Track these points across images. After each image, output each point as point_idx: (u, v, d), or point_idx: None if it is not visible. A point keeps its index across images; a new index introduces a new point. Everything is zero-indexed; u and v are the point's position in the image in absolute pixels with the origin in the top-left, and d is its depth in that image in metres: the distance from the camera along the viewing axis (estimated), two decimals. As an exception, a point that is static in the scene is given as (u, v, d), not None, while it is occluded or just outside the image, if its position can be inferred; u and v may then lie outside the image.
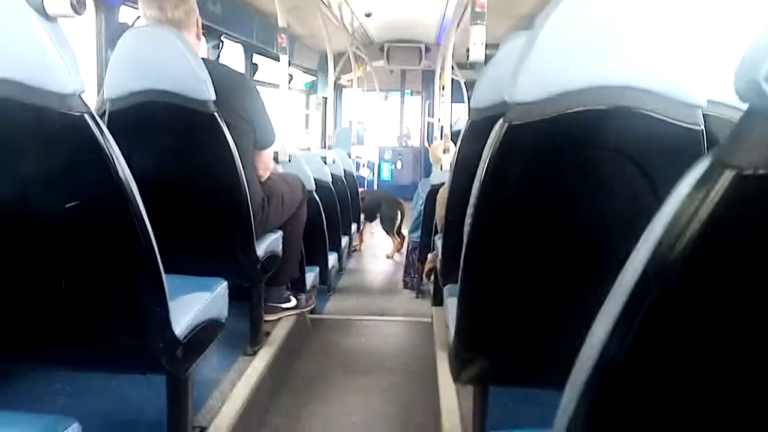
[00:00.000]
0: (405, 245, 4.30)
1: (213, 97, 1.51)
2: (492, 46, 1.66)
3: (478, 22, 1.91)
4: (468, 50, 1.89)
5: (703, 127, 0.87)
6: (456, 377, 1.19)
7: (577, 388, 0.43)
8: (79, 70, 0.91)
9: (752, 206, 0.34)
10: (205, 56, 1.78)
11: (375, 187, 7.46)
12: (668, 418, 0.41)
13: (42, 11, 0.85)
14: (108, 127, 0.95)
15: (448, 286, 1.57)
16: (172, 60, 1.47)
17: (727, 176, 0.34)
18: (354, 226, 4.82)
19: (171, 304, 1.12)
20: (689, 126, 0.87)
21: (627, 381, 0.41)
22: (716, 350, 0.38)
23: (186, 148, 1.60)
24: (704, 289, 0.37)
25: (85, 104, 0.93)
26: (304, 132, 6.62)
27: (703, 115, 0.89)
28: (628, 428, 0.42)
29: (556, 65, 0.86)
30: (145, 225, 1.01)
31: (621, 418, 0.42)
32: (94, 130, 0.93)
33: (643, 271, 0.38)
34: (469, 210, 0.99)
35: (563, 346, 0.57)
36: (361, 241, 5.37)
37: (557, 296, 1.00)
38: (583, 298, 0.66)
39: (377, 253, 5.28)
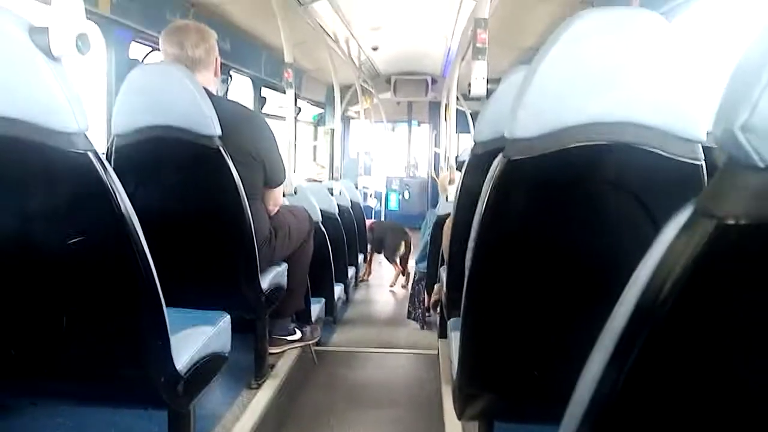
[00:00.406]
0: (412, 276, 4.27)
1: (218, 132, 1.53)
2: (495, 81, 1.69)
3: (480, 57, 1.95)
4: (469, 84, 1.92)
5: (703, 162, 0.87)
6: (460, 414, 1.16)
7: (573, 424, 0.43)
8: (83, 109, 0.93)
9: (733, 255, 0.35)
10: (214, 91, 1.80)
11: (382, 217, 7.48)
12: None
13: (47, 51, 0.87)
14: (115, 162, 0.97)
15: (452, 319, 1.55)
16: (178, 96, 1.49)
17: (709, 225, 0.35)
18: (361, 257, 4.80)
19: (173, 339, 1.11)
20: (689, 161, 0.87)
21: (621, 416, 0.41)
22: (705, 387, 0.39)
23: (192, 183, 1.61)
24: (691, 331, 0.37)
25: (89, 142, 0.94)
26: (315, 164, 6.68)
27: (707, 147, 0.89)
28: None
29: (554, 101, 0.87)
30: (147, 260, 1.02)
31: None
32: (97, 167, 0.94)
33: (634, 311, 0.39)
34: (470, 244, 0.99)
35: (567, 382, 0.57)
36: (370, 272, 5.35)
37: (559, 331, 0.99)
38: (585, 333, 0.65)
39: (384, 283, 5.25)
